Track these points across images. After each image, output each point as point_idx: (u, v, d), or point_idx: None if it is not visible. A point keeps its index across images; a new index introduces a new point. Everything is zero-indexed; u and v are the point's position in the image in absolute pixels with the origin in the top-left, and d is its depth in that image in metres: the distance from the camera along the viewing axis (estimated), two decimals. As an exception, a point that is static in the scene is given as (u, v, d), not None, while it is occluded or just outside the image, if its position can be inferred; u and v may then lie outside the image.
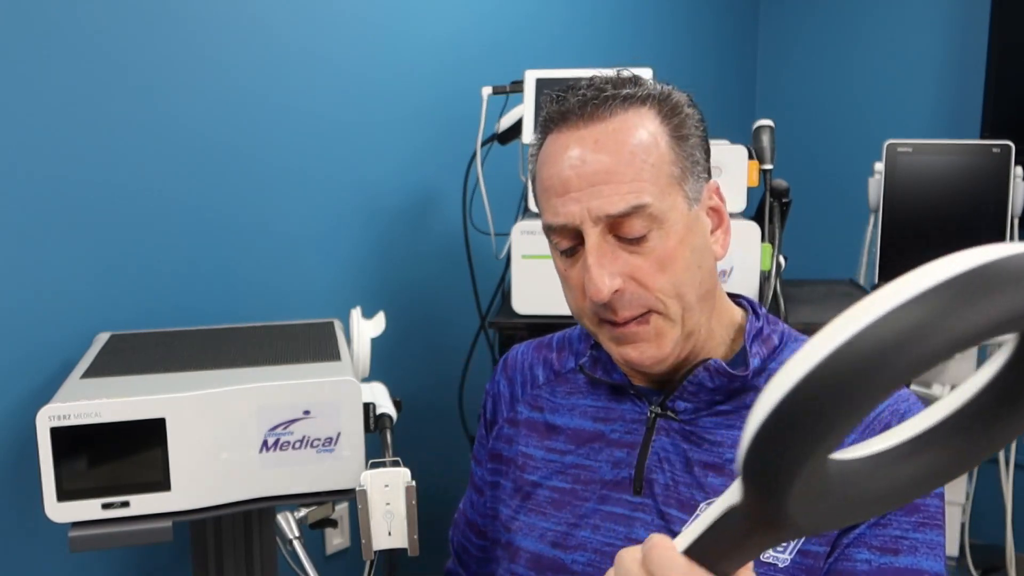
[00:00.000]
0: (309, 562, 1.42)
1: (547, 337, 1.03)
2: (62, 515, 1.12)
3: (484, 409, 1.04)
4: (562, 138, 0.82)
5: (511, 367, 1.03)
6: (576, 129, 0.81)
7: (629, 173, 0.78)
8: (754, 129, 1.65)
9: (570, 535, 0.87)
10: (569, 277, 0.84)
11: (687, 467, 0.84)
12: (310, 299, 1.79)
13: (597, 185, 0.79)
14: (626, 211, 0.78)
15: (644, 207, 0.78)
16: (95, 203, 1.47)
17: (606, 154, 0.79)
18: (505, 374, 1.03)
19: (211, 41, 1.60)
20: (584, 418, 0.92)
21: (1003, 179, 1.91)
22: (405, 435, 1.62)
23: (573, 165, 0.80)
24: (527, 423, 0.96)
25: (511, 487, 0.95)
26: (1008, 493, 2.13)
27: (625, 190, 0.78)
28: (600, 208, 0.78)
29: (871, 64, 2.78)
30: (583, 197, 0.79)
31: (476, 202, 1.88)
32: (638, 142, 0.80)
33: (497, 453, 0.99)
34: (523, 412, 0.97)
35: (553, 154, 0.83)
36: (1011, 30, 2.35)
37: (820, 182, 2.75)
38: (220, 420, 1.15)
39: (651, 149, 0.80)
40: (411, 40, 1.92)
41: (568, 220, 0.80)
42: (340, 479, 1.21)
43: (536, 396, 0.97)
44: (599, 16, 2.40)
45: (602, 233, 0.79)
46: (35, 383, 1.41)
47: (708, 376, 0.83)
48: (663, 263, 0.80)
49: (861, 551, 0.77)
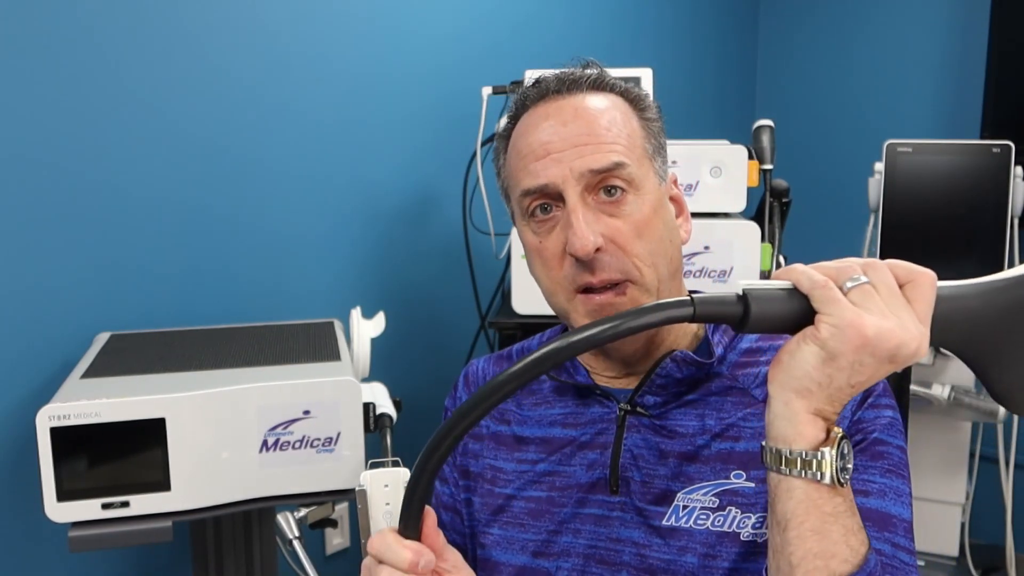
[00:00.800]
0: (309, 562, 1.42)
1: (506, 350, 1.03)
2: (62, 515, 1.12)
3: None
4: (539, 110, 0.86)
5: (472, 382, 1.01)
6: (554, 101, 0.85)
7: (608, 136, 0.82)
8: (754, 129, 1.65)
9: (552, 542, 0.87)
10: (544, 249, 0.84)
11: (662, 459, 0.84)
12: (310, 299, 1.79)
13: (578, 146, 0.82)
14: (608, 167, 0.81)
15: (624, 166, 0.82)
16: (95, 204, 1.47)
17: (584, 121, 0.83)
18: (467, 388, 1.01)
19: (211, 42, 1.60)
20: (553, 427, 0.91)
21: (1003, 179, 1.91)
22: (405, 435, 1.62)
23: (555, 128, 0.83)
24: (493, 437, 0.95)
25: (480, 502, 0.94)
26: (1008, 493, 2.13)
27: (606, 149, 0.82)
28: (583, 164, 0.81)
29: (871, 64, 2.78)
30: (564, 158, 0.82)
31: (476, 202, 1.88)
32: (613, 116, 0.84)
33: (465, 469, 0.97)
34: (489, 426, 0.96)
35: (532, 124, 0.85)
36: (1011, 30, 2.35)
37: (820, 182, 2.75)
38: (220, 420, 1.15)
39: (625, 123, 0.85)
40: (411, 40, 1.92)
41: (549, 180, 0.82)
42: (340, 479, 1.21)
43: (501, 409, 0.96)
44: (599, 16, 2.40)
45: (582, 195, 0.82)
46: (35, 383, 1.41)
47: (676, 367, 0.84)
48: (639, 229, 0.82)
49: None
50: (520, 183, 0.85)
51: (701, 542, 0.80)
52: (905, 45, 2.69)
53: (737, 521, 0.80)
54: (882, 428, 0.80)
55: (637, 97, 0.88)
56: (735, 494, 0.81)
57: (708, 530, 0.80)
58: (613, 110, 0.85)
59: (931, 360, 2.02)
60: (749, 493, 0.80)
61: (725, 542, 0.80)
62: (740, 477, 0.81)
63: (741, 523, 0.80)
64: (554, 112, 0.84)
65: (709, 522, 0.80)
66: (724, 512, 0.80)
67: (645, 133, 0.86)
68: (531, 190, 0.83)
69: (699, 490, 0.81)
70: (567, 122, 0.83)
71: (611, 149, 0.82)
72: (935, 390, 1.98)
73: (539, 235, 0.85)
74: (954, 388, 1.98)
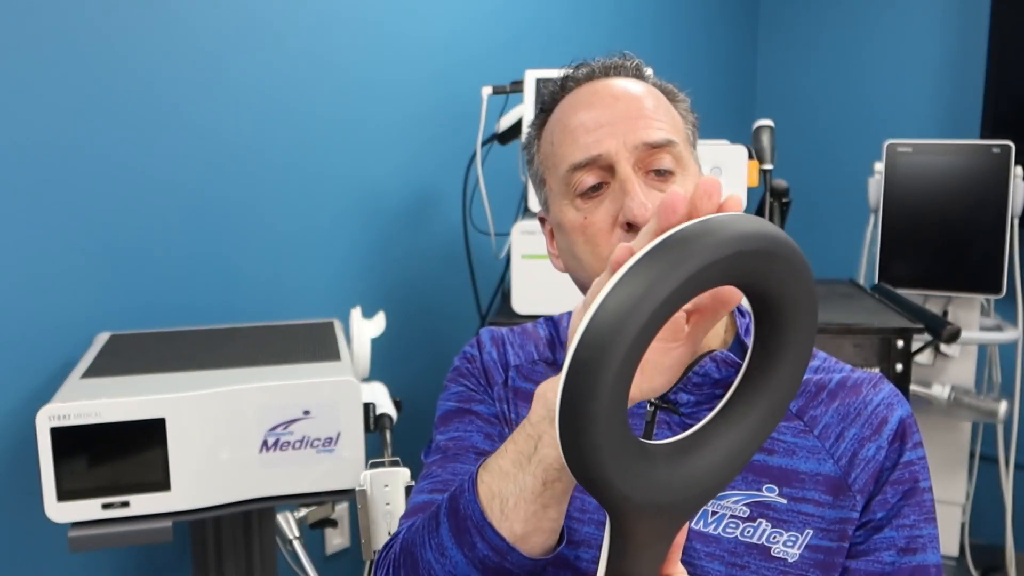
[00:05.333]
0: (309, 562, 1.41)
1: (521, 327, 0.98)
2: (62, 515, 1.12)
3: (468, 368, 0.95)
4: (585, 89, 0.85)
5: (498, 340, 0.96)
6: (600, 81, 0.85)
7: (659, 114, 0.82)
8: (754, 129, 1.65)
9: (574, 530, 0.86)
10: (589, 224, 0.81)
11: None
12: (310, 299, 1.79)
13: (631, 119, 0.81)
14: (662, 142, 0.80)
15: (674, 144, 0.81)
16: (95, 204, 1.47)
17: (634, 98, 0.83)
18: (495, 344, 0.95)
19: (212, 41, 1.60)
20: None
21: (1003, 179, 1.91)
22: (405, 435, 1.62)
23: (606, 103, 0.82)
24: (523, 393, 0.91)
25: None
26: (1008, 493, 2.13)
27: (657, 125, 0.81)
28: (637, 137, 0.80)
29: (871, 64, 2.78)
30: (617, 131, 0.81)
31: (476, 202, 1.88)
32: (658, 99, 0.84)
33: (499, 411, 0.92)
34: (515, 379, 0.92)
35: (581, 100, 0.85)
36: (1011, 30, 2.35)
37: (820, 182, 2.75)
38: (220, 420, 1.15)
39: (668, 108, 0.85)
40: (411, 40, 1.92)
41: (603, 151, 0.80)
42: (340, 479, 1.21)
43: (532, 370, 0.92)
44: (599, 16, 2.40)
45: (634, 167, 0.80)
46: (35, 383, 1.41)
47: (715, 367, 0.82)
48: None
49: (890, 553, 0.79)
50: (568, 157, 0.83)
51: (728, 550, 0.79)
52: (905, 45, 2.69)
53: (768, 535, 0.79)
54: (925, 471, 0.81)
55: (673, 91, 0.89)
56: (767, 507, 0.79)
57: (737, 539, 0.79)
58: (657, 95, 0.85)
59: (931, 360, 2.02)
60: (781, 509, 0.79)
61: (754, 554, 0.79)
62: (773, 491, 0.80)
63: (772, 537, 0.79)
64: (602, 89, 0.84)
65: (739, 531, 0.79)
66: (755, 524, 0.79)
67: (684, 122, 0.87)
68: (581, 163, 0.81)
69: (730, 497, 0.80)
70: (618, 97, 0.83)
71: (660, 126, 0.81)
72: (935, 390, 1.98)
73: (583, 211, 0.82)
74: (954, 388, 1.98)
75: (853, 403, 0.83)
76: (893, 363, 1.56)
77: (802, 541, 0.79)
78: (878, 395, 0.83)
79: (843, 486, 0.79)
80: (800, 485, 0.80)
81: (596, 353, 0.47)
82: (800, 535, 0.79)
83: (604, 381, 0.47)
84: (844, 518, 0.79)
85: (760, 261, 0.50)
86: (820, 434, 0.82)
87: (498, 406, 0.92)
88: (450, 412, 0.93)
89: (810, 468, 0.80)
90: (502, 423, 0.91)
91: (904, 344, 1.56)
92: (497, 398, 0.92)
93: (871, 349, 1.57)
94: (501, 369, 0.94)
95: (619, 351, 0.47)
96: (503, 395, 0.92)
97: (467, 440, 0.90)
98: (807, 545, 0.79)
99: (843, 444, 0.81)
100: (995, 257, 1.93)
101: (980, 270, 1.95)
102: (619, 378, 0.48)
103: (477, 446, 0.89)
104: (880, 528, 0.79)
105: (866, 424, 0.81)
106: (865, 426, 0.81)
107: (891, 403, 0.83)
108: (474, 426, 0.91)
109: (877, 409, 0.82)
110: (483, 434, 0.90)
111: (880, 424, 0.81)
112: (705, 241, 0.48)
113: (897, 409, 0.82)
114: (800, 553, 0.79)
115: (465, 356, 0.96)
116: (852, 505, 0.79)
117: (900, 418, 0.81)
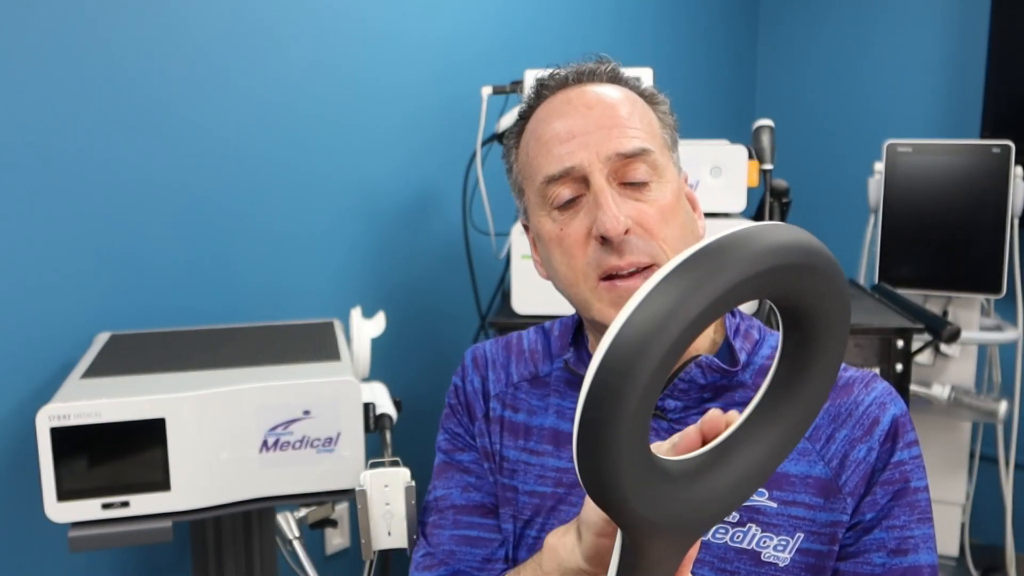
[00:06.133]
0: (309, 562, 1.41)
1: (510, 336, 0.99)
2: (62, 515, 1.12)
3: (458, 400, 0.98)
4: (559, 97, 0.85)
5: (480, 364, 0.98)
6: (574, 88, 0.85)
7: (633, 121, 0.81)
8: (754, 129, 1.65)
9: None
10: (566, 236, 0.81)
11: None
12: (310, 299, 1.79)
13: (604, 129, 0.80)
14: (635, 151, 0.79)
15: (649, 152, 0.80)
16: (95, 203, 1.47)
17: (608, 107, 0.82)
18: (476, 370, 0.98)
19: (212, 41, 1.60)
20: (562, 419, 0.89)
21: (1003, 179, 1.91)
22: (405, 435, 1.62)
23: (578, 112, 0.82)
24: (507, 424, 0.93)
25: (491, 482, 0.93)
26: (1008, 493, 2.13)
27: (631, 134, 0.80)
28: (610, 148, 0.79)
29: (871, 64, 2.78)
30: (591, 141, 0.80)
31: (476, 202, 1.88)
32: (633, 105, 0.83)
33: (480, 446, 0.95)
34: (496, 409, 0.94)
35: (554, 110, 0.84)
36: (1011, 30, 2.35)
37: (820, 182, 2.75)
38: (220, 420, 1.15)
39: (645, 112, 0.84)
40: (411, 40, 1.92)
41: (575, 163, 0.80)
42: (340, 479, 1.21)
43: (513, 396, 0.94)
44: (599, 16, 2.40)
45: (608, 179, 0.80)
46: (35, 383, 1.41)
47: (700, 373, 0.82)
48: (665, 214, 0.80)
49: (880, 555, 0.78)
50: (542, 169, 0.82)
51: (718, 556, 0.79)
52: (905, 45, 2.69)
53: (758, 539, 0.78)
54: (918, 469, 0.80)
55: (651, 93, 0.87)
56: (757, 511, 0.79)
57: (726, 545, 0.79)
58: (633, 100, 0.84)
59: (931, 360, 2.02)
60: (772, 513, 0.79)
61: (744, 559, 0.78)
62: (763, 495, 0.79)
63: (762, 542, 0.78)
64: (576, 98, 0.83)
65: (728, 536, 0.79)
66: (744, 528, 0.79)
67: (662, 126, 0.85)
68: (555, 175, 0.81)
69: None
70: (591, 106, 0.82)
71: (635, 135, 0.80)
72: (935, 390, 1.98)
73: (559, 223, 0.82)
74: (954, 388, 1.98)
75: (844, 403, 0.81)
76: (893, 363, 1.56)
77: (793, 545, 0.78)
78: (870, 395, 0.81)
79: (833, 488, 0.79)
80: (790, 488, 0.79)
81: (617, 379, 0.44)
82: (791, 539, 0.78)
83: (626, 406, 0.44)
84: (835, 521, 0.78)
85: (796, 275, 0.47)
86: (811, 436, 0.81)
87: (479, 441, 0.95)
88: (440, 465, 0.99)
89: (800, 471, 0.79)
90: (484, 458, 0.94)
91: (904, 344, 1.56)
92: (478, 433, 0.95)
93: (871, 349, 1.57)
94: (482, 400, 0.96)
95: (643, 376, 0.44)
96: (484, 429, 0.95)
97: (448, 500, 0.95)
98: (798, 549, 0.78)
99: (834, 446, 0.80)
100: (995, 257, 1.93)
101: (980, 270, 1.95)
102: (642, 402, 0.45)
103: (456, 503, 0.94)
104: (869, 530, 0.78)
105: (857, 425, 0.80)
106: (856, 427, 0.80)
107: (883, 402, 0.81)
108: (454, 482, 0.96)
109: (869, 409, 0.81)
110: (460, 487, 0.95)
111: (872, 424, 0.80)
112: (738, 254, 0.45)
113: (890, 408, 0.81)
114: (791, 557, 0.78)
115: (452, 388, 1.00)
116: (842, 508, 0.78)
117: (893, 417, 0.80)
